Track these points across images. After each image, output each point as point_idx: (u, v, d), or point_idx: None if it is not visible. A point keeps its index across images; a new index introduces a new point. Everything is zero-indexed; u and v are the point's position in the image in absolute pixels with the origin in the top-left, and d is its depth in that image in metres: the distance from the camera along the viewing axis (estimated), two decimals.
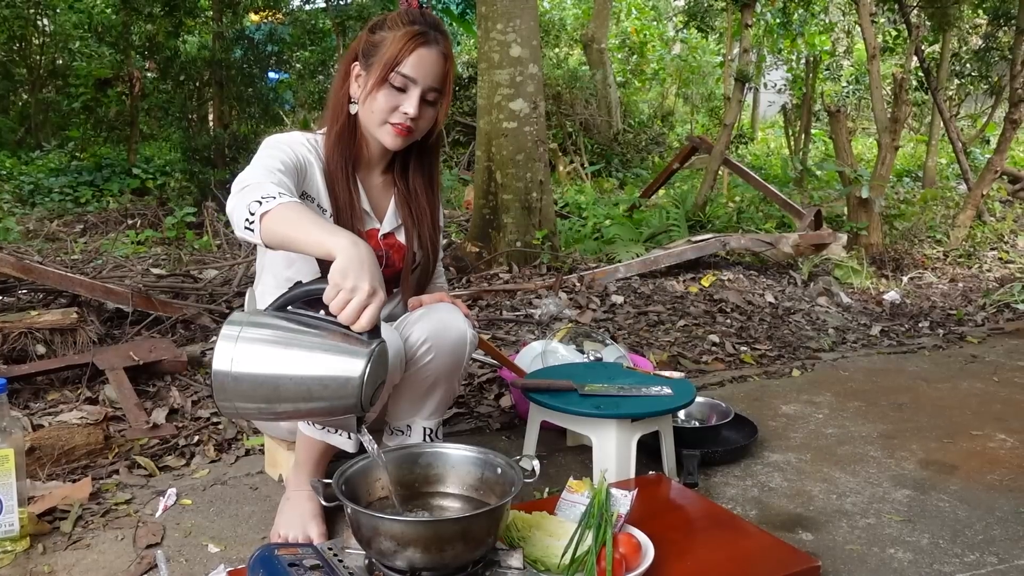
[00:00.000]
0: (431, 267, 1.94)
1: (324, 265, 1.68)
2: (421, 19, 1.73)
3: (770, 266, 4.57)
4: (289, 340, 1.36)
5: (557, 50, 12.20)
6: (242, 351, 1.35)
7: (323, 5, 8.05)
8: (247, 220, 1.43)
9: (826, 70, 10.73)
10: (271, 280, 1.75)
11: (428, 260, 1.91)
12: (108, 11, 7.60)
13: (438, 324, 1.72)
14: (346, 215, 1.75)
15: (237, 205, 1.46)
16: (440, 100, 1.75)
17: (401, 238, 1.87)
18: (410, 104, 1.70)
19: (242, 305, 1.99)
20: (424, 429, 1.80)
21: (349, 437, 1.68)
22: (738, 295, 4.00)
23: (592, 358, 2.52)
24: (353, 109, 1.76)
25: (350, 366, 1.34)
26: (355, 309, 1.32)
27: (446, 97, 1.76)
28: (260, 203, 1.42)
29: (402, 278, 1.88)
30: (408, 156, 1.86)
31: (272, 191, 1.45)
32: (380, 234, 1.83)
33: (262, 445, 2.19)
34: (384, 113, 1.71)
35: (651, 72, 12.93)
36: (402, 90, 1.70)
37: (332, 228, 1.39)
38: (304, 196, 1.70)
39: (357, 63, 1.75)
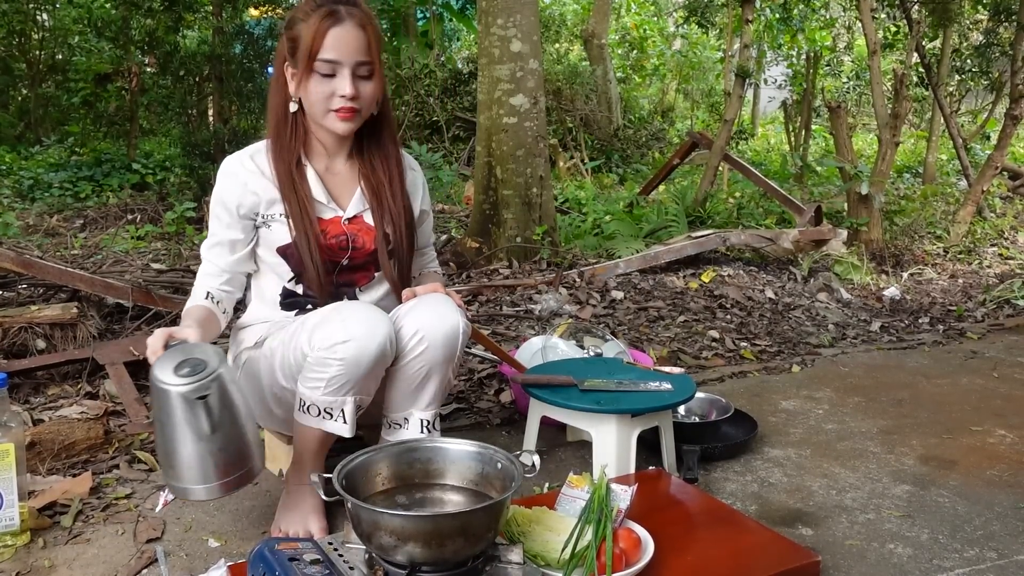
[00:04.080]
0: (405, 242, 1.90)
1: (292, 262, 1.82)
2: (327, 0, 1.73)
3: (770, 262, 4.57)
4: None
5: (557, 45, 12.19)
6: None
7: None
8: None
9: (826, 66, 10.70)
10: (255, 292, 1.93)
11: (400, 234, 1.89)
12: (107, 6, 7.57)
13: (430, 315, 1.73)
14: (297, 212, 1.78)
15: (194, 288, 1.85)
16: (374, 71, 1.75)
17: (369, 219, 1.87)
18: (344, 86, 1.72)
19: (242, 300, 2.00)
20: (421, 421, 1.80)
21: (345, 422, 1.68)
22: (738, 291, 4.00)
23: (592, 354, 2.52)
24: (293, 108, 1.79)
25: None
26: None
27: (378, 66, 1.76)
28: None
29: (380, 259, 1.87)
30: (362, 134, 1.88)
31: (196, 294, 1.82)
32: (344, 219, 1.85)
33: (262, 440, 2.19)
34: (323, 102, 1.74)
35: (651, 68, 12.91)
36: (331, 75, 1.72)
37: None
38: (261, 217, 1.82)
39: (288, 63, 1.77)
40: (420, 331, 1.71)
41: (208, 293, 1.82)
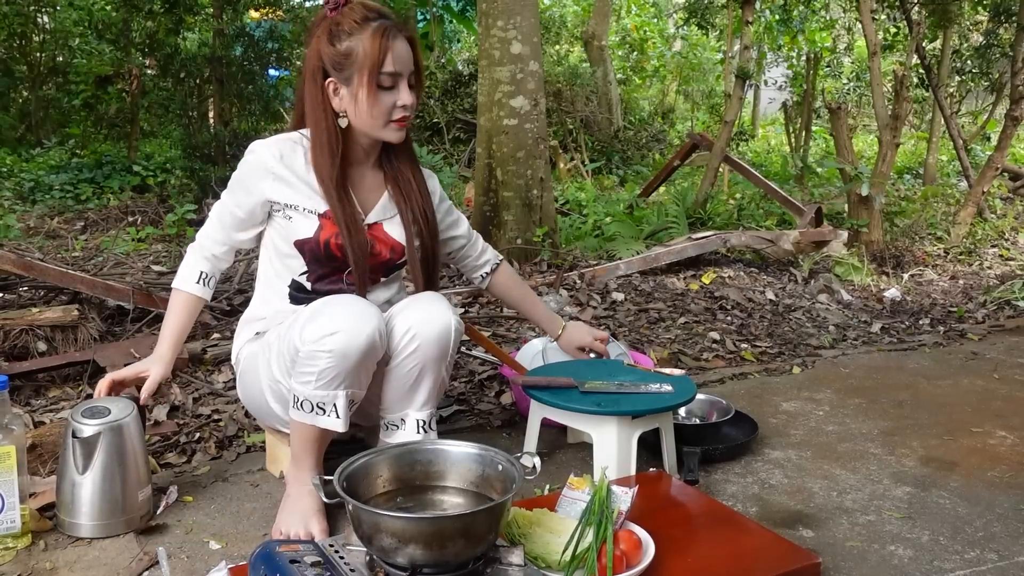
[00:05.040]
0: (433, 249, 1.97)
1: (308, 257, 1.84)
2: (376, 13, 1.79)
3: (771, 263, 4.57)
4: None
5: (558, 47, 12.20)
6: None
7: (323, 2, 8.03)
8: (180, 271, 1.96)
9: (827, 67, 10.71)
10: (264, 283, 1.95)
11: (428, 241, 1.95)
12: (108, 8, 7.58)
13: (421, 314, 1.75)
14: (348, 220, 1.82)
15: (189, 251, 1.96)
16: (419, 79, 1.86)
17: (389, 229, 1.91)
18: (404, 96, 1.80)
19: (243, 303, 2.01)
20: (418, 421, 1.81)
21: (338, 416, 1.69)
22: (739, 292, 4.00)
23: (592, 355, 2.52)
24: (344, 123, 1.82)
25: None
26: None
27: (421, 76, 1.87)
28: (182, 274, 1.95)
29: (410, 265, 1.94)
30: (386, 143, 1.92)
31: (189, 271, 1.94)
32: (363, 223, 1.88)
33: (263, 442, 2.19)
34: (385, 114, 1.80)
35: (652, 69, 12.92)
36: (392, 87, 1.79)
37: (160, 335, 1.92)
38: (281, 207, 1.85)
39: (331, 79, 1.80)
40: (412, 329, 1.73)
41: (202, 274, 1.93)
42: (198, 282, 1.92)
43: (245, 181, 1.86)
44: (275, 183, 1.83)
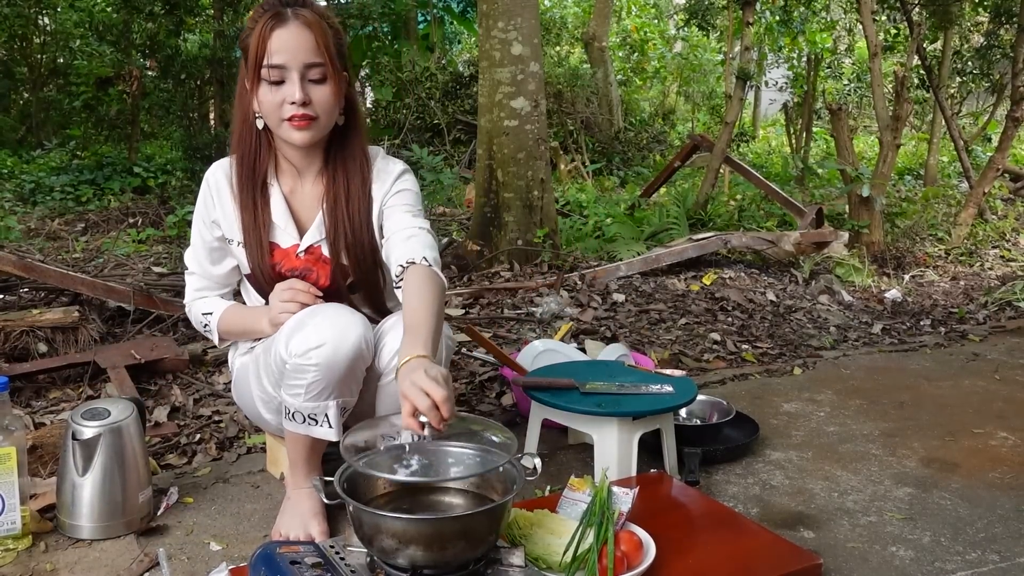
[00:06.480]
0: (368, 272, 1.79)
1: (263, 293, 1.81)
2: (273, 2, 1.64)
3: (771, 264, 4.57)
4: None
5: (558, 48, 12.19)
6: None
7: (323, 4, 8.04)
8: (204, 327, 1.86)
9: (827, 68, 10.71)
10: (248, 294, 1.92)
11: (360, 265, 1.77)
12: (109, 10, 7.59)
13: None
14: (250, 238, 1.74)
15: (191, 311, 1.87)
16: (327, 74, 1.64)
17: (327, 250, 1.76)
18: (292, 91, 1.61)
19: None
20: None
21: (330, 426, 1.66)
22: (739, 293, 3.99)
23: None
24: (260, 124, 1.71)
25: None
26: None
27: (333, 68, 1.64)
28: (207, 315, 1.84)
29: (343, 293, 1.77)
30: (332, 148, 1.76)
31: (208, 307, 1.84)
32: (299, 250, 1.76)
33: (264, 443, 2.19)
34: (275, 111, 1.64)
35: (652, 70, 12.91)
36: (280, 82, 1.62)
37: (254, 317, 1.77)
38: (225, 239, 1.80)
39: (246, 78, 1.68)
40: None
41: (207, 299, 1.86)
42: (208, 313, 1.84)
43: (201, 210, 1.80)
44: (222, 212, 1.78)
